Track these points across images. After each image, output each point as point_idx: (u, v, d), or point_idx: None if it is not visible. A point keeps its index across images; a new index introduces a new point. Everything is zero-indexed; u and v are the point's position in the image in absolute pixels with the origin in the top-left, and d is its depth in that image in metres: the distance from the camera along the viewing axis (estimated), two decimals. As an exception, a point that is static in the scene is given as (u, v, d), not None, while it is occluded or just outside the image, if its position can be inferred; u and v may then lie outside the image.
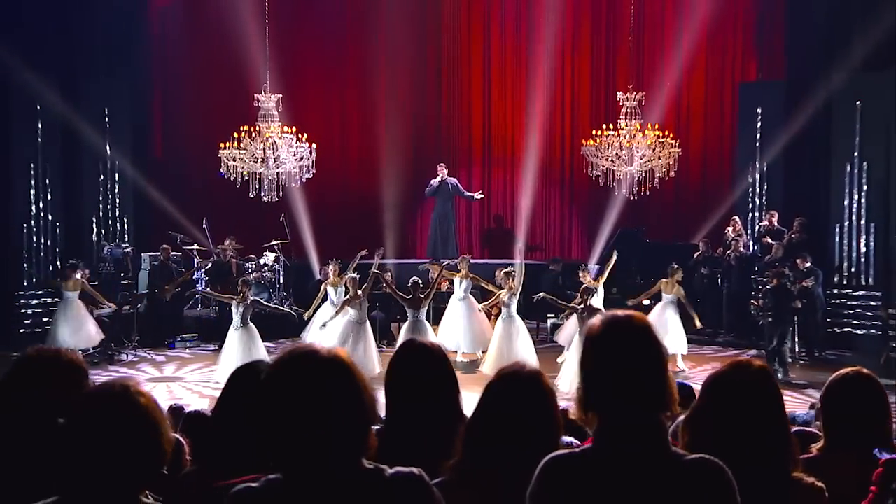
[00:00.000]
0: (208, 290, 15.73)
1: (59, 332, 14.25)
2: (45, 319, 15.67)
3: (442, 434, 3.11)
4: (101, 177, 17.41)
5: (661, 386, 2.52)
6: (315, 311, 14.47)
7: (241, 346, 12.51)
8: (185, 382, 13.38)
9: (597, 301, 13.61)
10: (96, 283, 15.75)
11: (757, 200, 17.68)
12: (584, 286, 13.28)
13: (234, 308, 12.80)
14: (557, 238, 21.13)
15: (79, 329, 14.47)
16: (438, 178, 18.88)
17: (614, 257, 14.39)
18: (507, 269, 13.79)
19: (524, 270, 14.21)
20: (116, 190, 17.57)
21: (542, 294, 14.11)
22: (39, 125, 16.15)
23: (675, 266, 14.35)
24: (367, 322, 13.53)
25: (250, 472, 2.83)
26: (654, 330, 2.57)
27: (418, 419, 3.39)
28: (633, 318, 2.57)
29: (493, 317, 15.72)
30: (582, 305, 12.66)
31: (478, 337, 14.43)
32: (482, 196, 19.68)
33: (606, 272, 14.34)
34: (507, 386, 3.05)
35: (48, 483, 2.46)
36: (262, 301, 14.32)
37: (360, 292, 13.26)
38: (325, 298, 14.52)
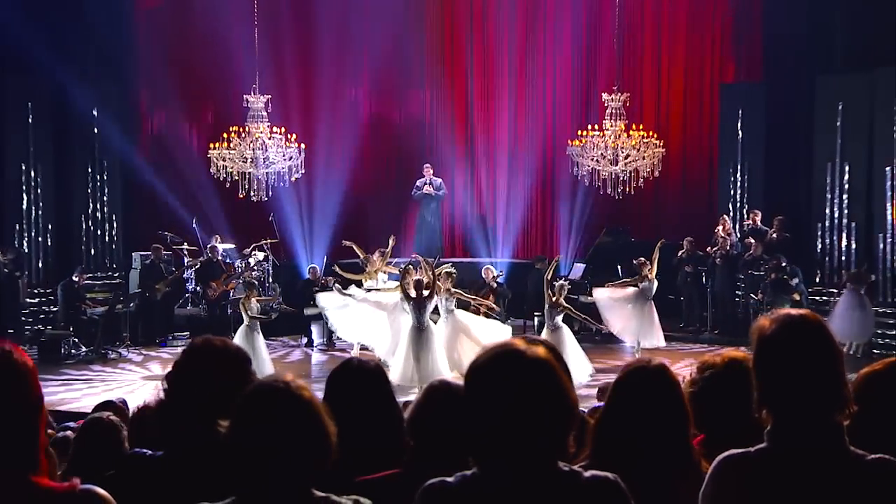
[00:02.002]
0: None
1: None
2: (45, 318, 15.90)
3: None
4: (90, 176, 17.45)
5: (838, 385, 2.49)
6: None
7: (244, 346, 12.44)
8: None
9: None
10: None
11: (738, 200, 17.95)
12: (560, 283, 13.47)
13: (242, 310, 12.81)
14: (539, 237, 21.30)
15: None
16: (425, 179, 19.02)
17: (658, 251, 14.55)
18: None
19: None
20: (105, 189, 17.61)
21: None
22: (31, 126, 16.21)
23: None
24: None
25: (375, 467, 2.98)
26: (828, 328, 2.55)
27: None
28: (806, 316, 2.55)
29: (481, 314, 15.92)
30: (554, 298, 12.89)
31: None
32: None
33: (654, 264, 14.48)
34: (636, 380, 3.06)
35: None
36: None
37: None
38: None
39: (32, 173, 16.29)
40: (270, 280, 17.71)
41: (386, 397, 3.38)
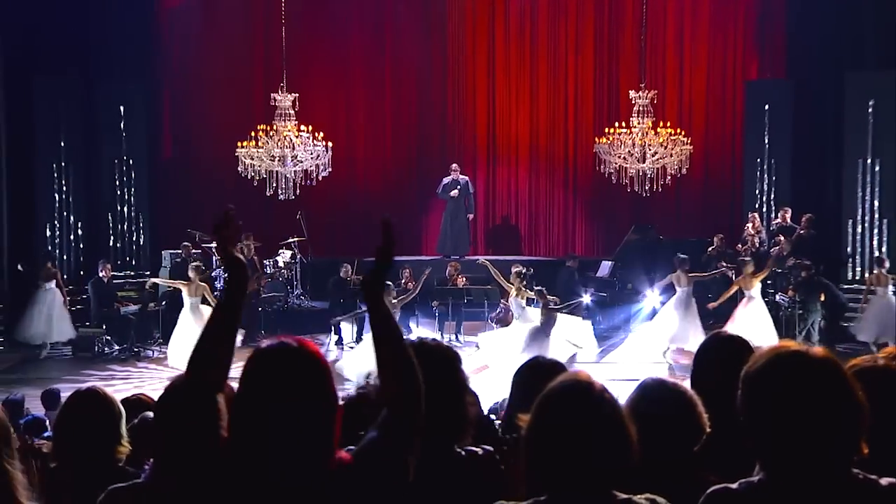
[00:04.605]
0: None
1: None
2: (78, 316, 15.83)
3: None
4: (118, 175, 17.46)
5: None
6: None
7: None
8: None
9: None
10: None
11: (765, 198, 17.90)
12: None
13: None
14: (561, 235, 21.26)
15: None
16: (452, 178, 18.99)
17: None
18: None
19: None
20: (133, 188, 17.62)
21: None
22: (62, 127, 16.23)
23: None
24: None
25: None
26: None
27: None
28: None
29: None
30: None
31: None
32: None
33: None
34: (799, 374, 2.76)
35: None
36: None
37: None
38: None
39: (63, 172, 16.31)
40: (298, 278, 17.72)
41: None
